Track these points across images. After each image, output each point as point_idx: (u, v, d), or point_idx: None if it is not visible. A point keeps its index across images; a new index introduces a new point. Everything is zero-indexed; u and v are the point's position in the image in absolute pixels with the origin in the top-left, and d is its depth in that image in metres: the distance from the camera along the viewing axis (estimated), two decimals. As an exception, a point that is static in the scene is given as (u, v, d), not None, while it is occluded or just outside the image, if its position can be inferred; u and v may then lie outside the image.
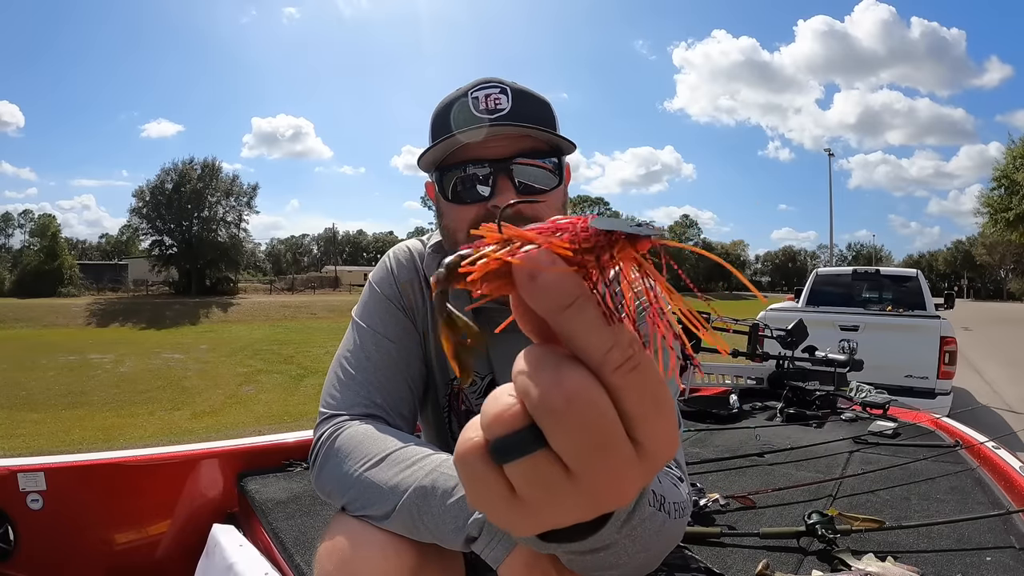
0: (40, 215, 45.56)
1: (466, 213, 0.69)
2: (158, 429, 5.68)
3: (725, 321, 2.59)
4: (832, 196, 29.63)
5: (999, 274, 62.51)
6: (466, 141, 0.67)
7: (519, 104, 0.69)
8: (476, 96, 0.69)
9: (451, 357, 0.28)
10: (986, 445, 1.55)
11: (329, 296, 33.83)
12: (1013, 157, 21.48)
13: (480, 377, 0.79)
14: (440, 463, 0.57)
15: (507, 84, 0.71)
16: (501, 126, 0.67)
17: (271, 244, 71.84)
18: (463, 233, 0.70)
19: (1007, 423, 4.59)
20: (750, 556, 1.10)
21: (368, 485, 0.59)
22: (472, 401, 0.79)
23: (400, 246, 0.82)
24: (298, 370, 9.45)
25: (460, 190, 0.69)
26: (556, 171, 0.70)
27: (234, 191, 34.79)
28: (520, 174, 0.68)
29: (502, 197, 0.67)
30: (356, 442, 0.64)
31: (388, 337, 0.74)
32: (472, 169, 0.68)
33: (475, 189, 0.68)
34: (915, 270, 6.26)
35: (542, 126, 0.68)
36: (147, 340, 15.26)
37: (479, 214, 0.68)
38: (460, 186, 0.69)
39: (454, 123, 0.68)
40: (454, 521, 0.52)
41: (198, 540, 1.19)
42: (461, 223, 0.70)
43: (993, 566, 1.02)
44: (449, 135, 0.67)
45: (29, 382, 8.31)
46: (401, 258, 0.80)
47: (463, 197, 0.69)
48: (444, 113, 0.70)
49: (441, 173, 0.70)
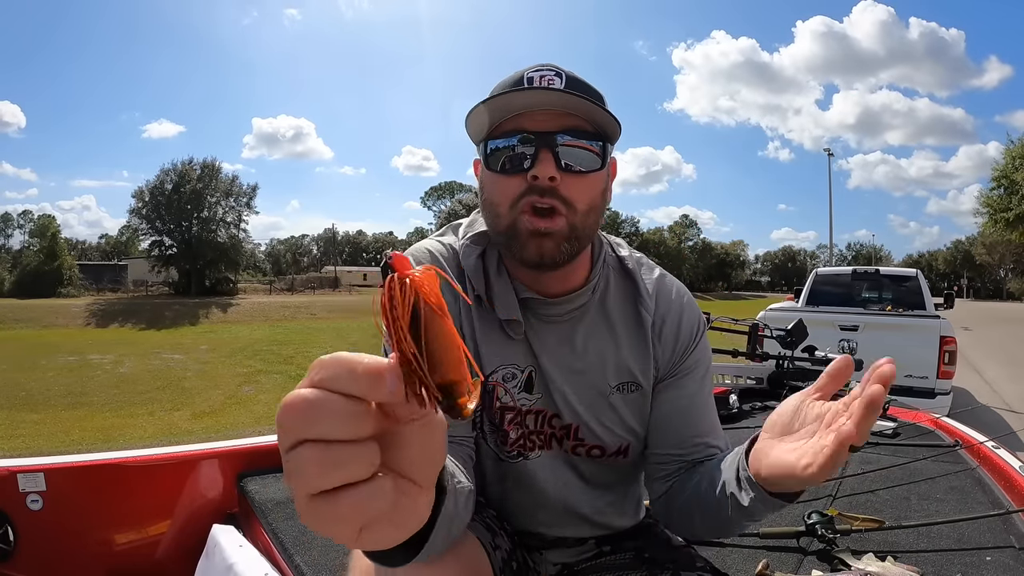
0: (40, 215, 45.55)
1: (507, 184, 0.70)
2: (158, 429, 5.68)
3: (725, 321, 2.59)
4: (832, 196, 29.67)
5: (999, 274, 62.53)
6: (519, 112, 0.69)
7: (571, 85, 0.70)
8: (531, 76, 0.70)
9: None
10: (986, 445, 1.55)
11: (329, 296, 33.83)
12: (1012, 157, 21.48)
13: (520, 370, 0.77)
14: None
15: (563, 69, 0.72)
16: (548, 91, 0.68)
17: (271, 244, 71.83)
18: (504, 206, 0.70)
19: (1007, 423, 4.59)
20: (750, 556, 1.10)
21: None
22: (515, 395, 0.78)
23: (418, 246, 0.81)
24: (298, 370, 9.45)
25: (504, 161, 0.70)
26: (600, 154, 0.71)
27: (234, 191, 34.78)
28: (564, 153, 0.69)
29: (541, 168, 0.67)
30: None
31: None
32: (518, 142, 0.69)
33: (518, 160, 0.69)
34: (915, 270, 6.25)
35: (590, 100, 0.69)
36: (147, 341, 15.26)
37: (521, 185, 0.69)
38: (502, 158, 0.70)
39: (503, 99, 0.69)
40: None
41: (198, 540, 1.19)
42: (504, 195, 0.70)
43: (993, 566, 1.02)
44: (497, 95, 0.68)
45: (29, 382, 8.31)
46: (423, 258, 0.78)
47: (506, 168, 0.70)
48: (499, 92, 0.70)
49: (486, 146, 0.72)
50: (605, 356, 0.79)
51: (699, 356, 0.82)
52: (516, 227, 0.70)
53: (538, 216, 0.68)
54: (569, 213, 0.69)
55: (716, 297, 54.76)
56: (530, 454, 0.79)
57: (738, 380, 2.74)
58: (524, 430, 0.79)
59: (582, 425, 0.78)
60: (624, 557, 0.83)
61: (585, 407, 0.78)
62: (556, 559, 0.85)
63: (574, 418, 0.78)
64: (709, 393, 0.83)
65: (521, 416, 0.78)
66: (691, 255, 64.47)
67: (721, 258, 69.67)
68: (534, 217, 0.69)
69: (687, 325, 0.82)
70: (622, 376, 0.79)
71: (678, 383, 0.80)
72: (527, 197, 0.69)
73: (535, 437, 0.79)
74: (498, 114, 0.70)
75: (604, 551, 0.85)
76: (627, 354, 0.79)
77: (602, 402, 0.79)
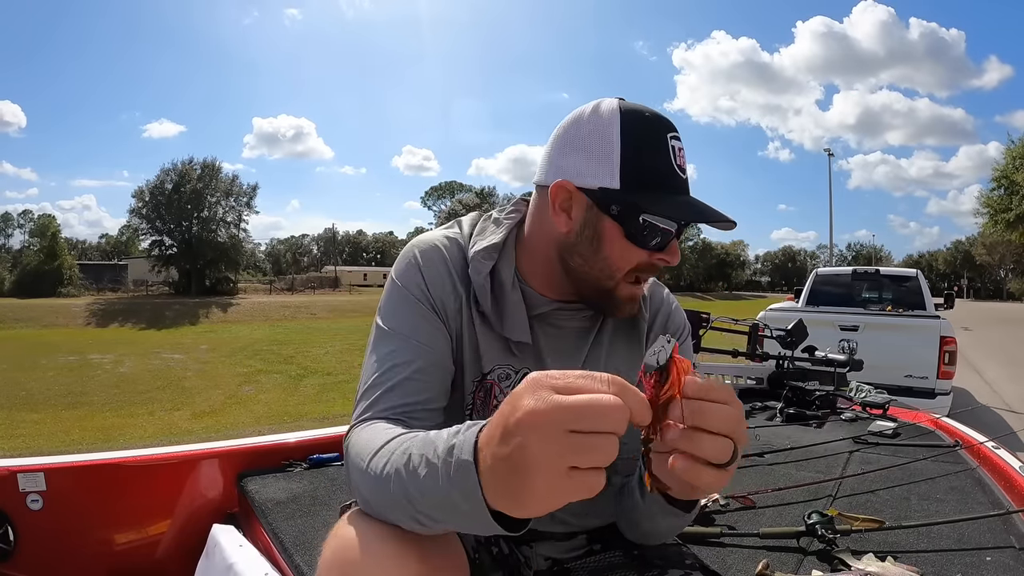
0: (40, 215, 45.62)
1: (635, 255, 0.72)
2: (158, 429, 5.68)
3: (725, 321, 2.59)
4: (832, 196, 29.70)
5: (999, 274, 62.50)
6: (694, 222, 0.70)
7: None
8: (673, 146, 0.71)
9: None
10: (986, 445, 1.55)
11: (329, 296, 33.83)
12: (1012, 157, 21.45)
13: (514, 371, 0.78)
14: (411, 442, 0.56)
15: (678, 132, 0.73)
16: (720, 221, 0.70)
17: (271, 244, 71.88)
18: (623, 272, 0.72)
19: (1007, 423, 4.59)
20: (750, 556, 1.10)
21: (372, 487, 0.58)
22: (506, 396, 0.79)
23: (424, 239, 0.79)
24: (298, 370, 9.45)
25: (643, 236, 0.70)
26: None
27: (234, 191, 34.78)
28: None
29: (674, 256, 0.72)
30: (360, 443, 0.63)
31: (418, 339, 0.72)
32: (663, 224, 0.70)
33: (654, 238, 0.71)
34: (915, 270, 6.25)
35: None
36: (147, 340, 15.26)
37: (643, 259, 0.72)
38: (644, 232, 0.70)
39: (664, 176, 0.70)
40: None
41: (198, 540, 1.19)
42: (626, 263, 0.72)
43: (993, 566, 1.02)
44: (678, 201, 0.70)
45: (29, 382, 8.31)
46: (427, 252, 0.77)
47: (643, 242, 0.71)
48: (645, 150, 0.70)
49: (631, 211, 0.69)
50: (611, 364, 0.81)
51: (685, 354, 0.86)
52: (618, 290, 0.73)
53: (635, 284, 0.74)
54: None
55: (716, 297, 54.73)
56: None
57: (738, 380, 2.74)
58: None
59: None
60: (614, 555, 0.83)
61: None
62: (546, 552, 0.85)
63: None
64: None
65: None
66: (691, 255, 64.44)
67: (721, 258, 69.65)
68: (634, 286, 0.74)
69: (674, 324, 0.86)
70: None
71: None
72: (641, 272, 0.73)
73: None
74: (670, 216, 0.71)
75: (594, 548, 0.85)
76: (625, 359, 0.82)
77: None
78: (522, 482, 0.42)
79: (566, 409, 0.41)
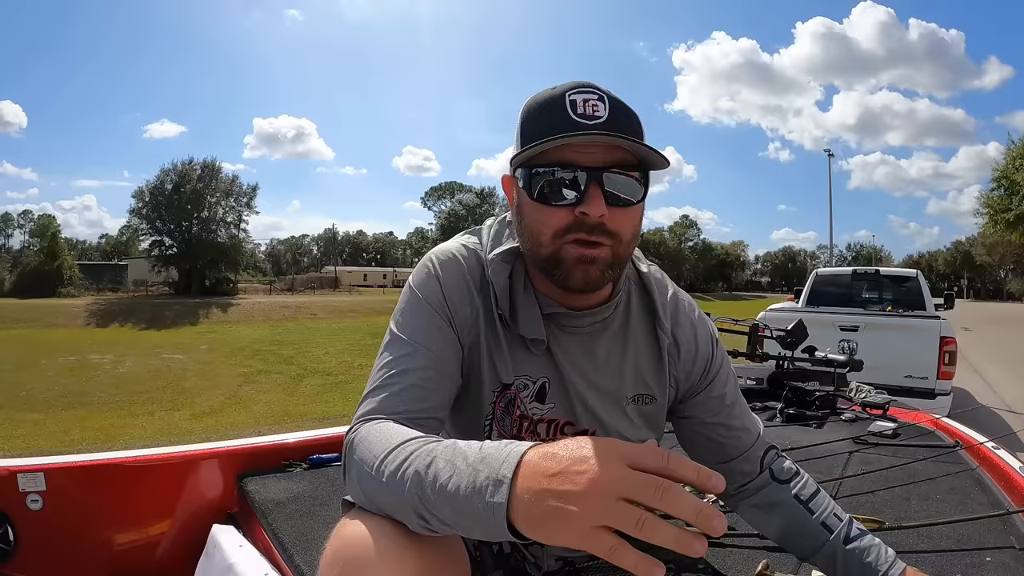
0: (40, 215, 45.69)
1: (553, 216, 0.69)
2: (158, 429, 5.68)
3: (724, 321, 2.59)
4: (832, 197, 29.74)
5: (999, 274, 62.49)
6: (572, 143, 0.67)
7: (615, 113, 0.69)
8: (573, 99, 0.68)
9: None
10: (986, 445, 1.55)
11: (329, 296, 33.82)
12: (1013, 158, 21.44)
13: (532, 381, 0.78)
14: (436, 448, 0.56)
15: (603, 91, 0.70)
16: (604, 135, 0.67)
17: (271, 244, 71.91)
18: (547, 236, 0.70)
19: (1007, 423, 4.59)
20: (750, 556, 1.10)
21: (378, 484, 0.58)
22: (526, 405, 0.79)
23: (444, 249, 0.80)
24: (298, 370, 9.45)
25: (548, 192, 0.69)
26: (643, 183, 0.71)
27: (234, 192, 34.79)
28: (610, 183, 0.68)
29: (593, 207, 0.67)
30: (370, 440, 0.63)
31: (430, 349, 0.72)
32: (564, 173, 0.68)
33: (564, 192, 0.68)
34: (915, 270, 6.25)
35: (636, 138, 0.68)
36: (147, 340, 15.26)
37: (566, 219, 0.69)
38: (549, 188, 0.69)
39: (551, 126, 0.67)
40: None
41: (198, 540, 1.19)
42: (546, 225, 0.70)
43: (993, 566, 1.02)
44: (553, 138, 0.66)
45: (29, 382, 8.31)
46: (446, 262, 0.78)
47: (551, 200, 0.69)
48: (539, 114, 0.70)
49: (529, 172, 0.70)
50: (624, 368, 0.81)
51: (721, 360, 0.87)
52: (560, 256, 0.70)
53: (584, 246, 0.69)
54: (614, 243, 0.70)
55: (716, 297, 54.72)
56: None
57: (738, 380, 2.74)
58: (538, 439, 0.79)
59: (598, 432, 0.80)
60: None
61: (601, 415, 0.80)
62: (557, 552, 0.85)
63: (590, 424, 0.80)
64: (738, 388, 0.90)
65: (533, 425, 0.79)
66: (691, 255, 64.47)
67: (721, 258, 69.66)
68: (580, 247, 0.69)
69: (703, 340, 0.86)
70: (638, 388, 0.82)
71: (710, 389, 0.86)
72: (574, 233, 0.69)
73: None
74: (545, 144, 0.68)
75: None
76: (644, 367, 0.82)
77: (618, 411, 0.81)
78: (553, 523, 0.45)
79: (630, 482, 0.43)
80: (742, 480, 0.87)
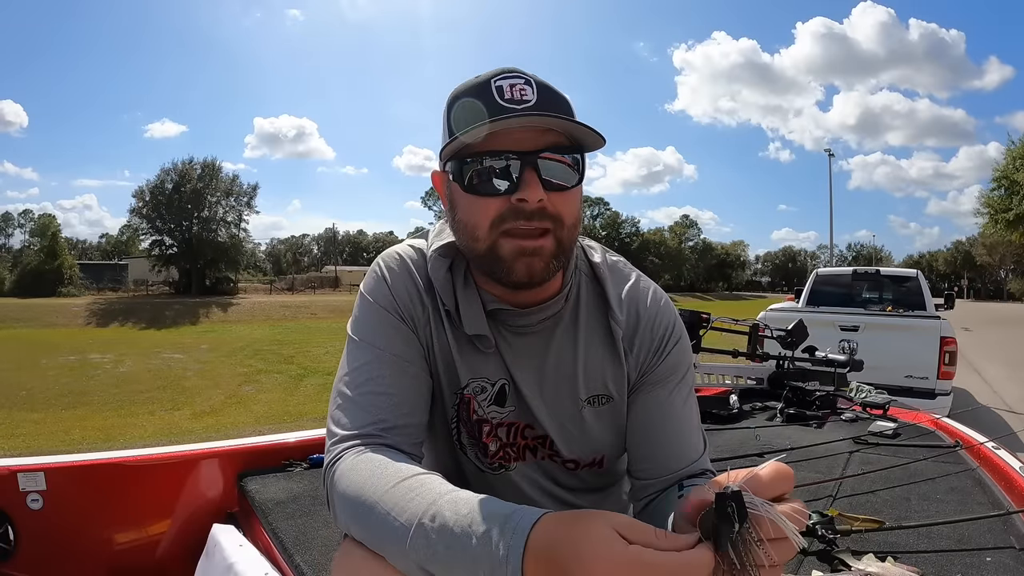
0: (40, 215, 45.64)
1: (488, 206, 0.66)
2: (158, 429, 5.67)
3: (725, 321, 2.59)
4: (832, 197, 29.76)
5: (999, 274, 62.48)
6: (500, 129, 0.64)
7: (544, 96, 0.67)
8: (500, 85, 0.66)
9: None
10: (986, 445, 1.55)
11: (329, 296, 33.83)
12: (1013, 158, 21.45)
13: (490, 383, 0.76)
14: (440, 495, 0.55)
15: (529, 75, 0.68)
16: (536, 115, 0.64)
17: (271, 244, 71.94)
18: (484, 228, 0.66)
19: (1007, 423, 4.59)
20: (750, 556, 1.09)
21: (375, 523, 0.57)
22: (484, 409, 0.77)
23: (390, 253, 0.78)
24: (298, 370, 9.45)
25: (478, 183, 0.66)
26: (578, 167, 0.68)
27: (234, 191, 34.85)
28: (544, 169, 0.65)
29: (530, 192, 0.64)
30: (357, 474, 0.62)
31: (392, 352, 0.71)
32: (496, 161, 0.65)
33: (498, 181, 0.65)
34: (915, 270, 6.25)
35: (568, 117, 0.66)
36: (147, 340, 15.26)
37: (502, 208, 0.65)
38: (479, 178, 0.66)
39: (478, 113, 0.65)
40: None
41: (198, 540, 1.19)
42: (483, 217, 0.66)
43: (993, 566, 1.02)
44: (481, 123, 0.63)
45: (29, 382, 8.31)
46: (393, 265, 0.76)
47: (485, 189, 0.66)
48: (465, 102, 0.67)
49: (460, 163, 0.67)
50: (575, 368, 0.77)
51: (674, 363, 0.77)
52: (498, 250, 0.66)
53: (523, 237, 0.66)
54: (556, 229, 0.67)
55: (716, 297, 54.73)
56: (510, 465, 0.80)
57: (738, 380, 2.74)
58: (500, 442, 0.78)
59: (554, 436, 0.78)
60: None
61: (557, 419, 0.77)
62: None
63: (545, 429, 0.77)
64: (691, 408, 0.78)
65: (494, 428, 0.78)
66: (691, 255, 64.44)
67: (721, 258, 69.64)
68: (519, 239, 0.66)
69: (660, 329, 0.78)
70: (592, 389, 0.77)
71: (652, 392, 0.76)
72: (511, 221, 0.65)
73: (510, 449, 0.79)
74: (472, 133, 0.65)
75: None
76: (598, 365, 0.77)
77: (574, 414, 0.77)
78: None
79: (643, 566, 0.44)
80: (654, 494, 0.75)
